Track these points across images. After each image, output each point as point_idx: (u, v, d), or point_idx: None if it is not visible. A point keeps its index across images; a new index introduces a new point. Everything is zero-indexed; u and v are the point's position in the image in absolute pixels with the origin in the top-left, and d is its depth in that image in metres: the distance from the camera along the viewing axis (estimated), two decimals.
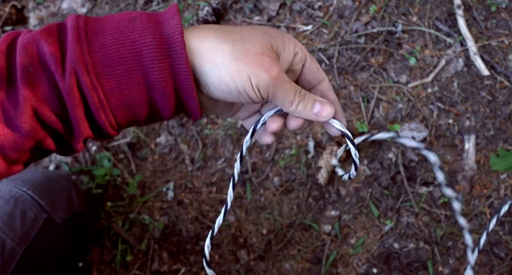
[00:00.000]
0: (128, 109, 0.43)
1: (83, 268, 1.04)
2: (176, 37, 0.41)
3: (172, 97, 0.43)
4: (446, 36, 1.12)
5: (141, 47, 0.41)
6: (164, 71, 0.41)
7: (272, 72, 0.43)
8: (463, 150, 1.05)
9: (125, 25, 0.42)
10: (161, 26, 0.42)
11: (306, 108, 0.46)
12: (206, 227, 1.07)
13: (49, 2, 1.31)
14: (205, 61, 0.43)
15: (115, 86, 0.41)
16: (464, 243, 1.00)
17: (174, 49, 0.41)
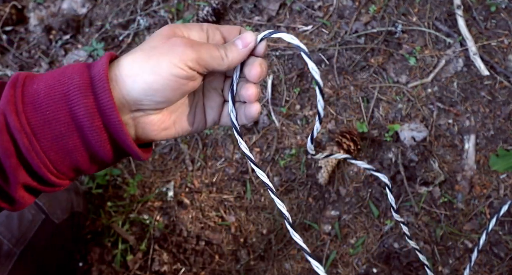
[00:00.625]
0: (63, 151, 0.44)
1: (83, 268, 1.04)
2: (101, 75, 0.43)
3: (103, 135, 0.44)
4: (446, 36, 1.12)
5: (69, 88, 0.43)
6: (90, 107, 0.42)
7: (185, 44, 0.45)
8: (463, 150, 1.05)
9: (59, 72, 0.44)
10: (90, 68, 0.44)
11: (233, 50, 0.48)
12: (206, 227, 1.07)
13: (50, 2, 1.31)
14: (126, 79, 0.44)
15: (45, 127, 0.42)
16: (464, 243, 1.01)
17: (98, 86, 0.43)
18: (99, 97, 0.43)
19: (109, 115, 0.43)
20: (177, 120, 0.51)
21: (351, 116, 1.09)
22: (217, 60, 0.47)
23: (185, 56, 0.44)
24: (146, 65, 0.44)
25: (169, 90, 0.45)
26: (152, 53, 0.45)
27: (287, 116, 1.11)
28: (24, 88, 0.43)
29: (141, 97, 0.45)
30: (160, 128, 0.49)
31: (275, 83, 1.13)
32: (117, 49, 1.22)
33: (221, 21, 1.20)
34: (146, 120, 0.47)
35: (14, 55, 1.25)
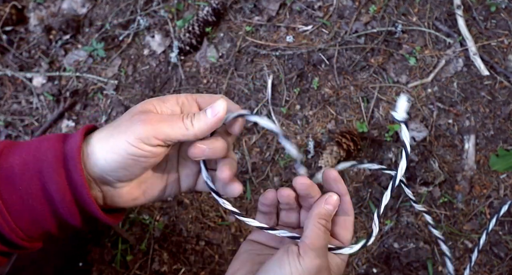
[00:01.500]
0: (33, 221, 0.46)
1: (83, 268, 1.04)
2: (74, 152, 0.45)
3: (74, 209, 0.46)
4: (446, 36, 1.12)
5: (42, 165, 0.45)
6: (61, 184, 0.45)
7: (143, 121, 0.45)
8: (463, 150, 1.05)
9: (34, 147, 0.46)
10: (65, 143, 0.46)
11: (201, 118, 0.47)
12: (206, 227, 1.07)
13: (50, 2, 1.31)
14: (91, 157, 0.46)
15: (18, 200, 0.45)
16: (464, 243, 1.01)
17: (70, 164, 0.45)
18: (70, 175, 0.45)
19: (80, 191, 0.45)
20: (147, 190, 0.51)
21: (351, 116, 1.10)
22: (181, 131, 0.46)
23: (141, 134, 0.44)
24: (106, 145, 0.46)
25: (129, 167, 0.46)
26: (114, 132, 0.46)
27: (287, 116, 1.11)
28: (1, 161, 0.46)
29: (103, 173, 0.46)
30: (129, 199, 0.50)
31: (275, 83, 1.13)
32: (117, 49, 1.23)
33: (221, 21, 1.20)
34: (114, 192, 0.49)
35: (14, 55, 1.25)
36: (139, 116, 0.46)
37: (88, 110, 1.19)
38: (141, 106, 0.48)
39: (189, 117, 0.47)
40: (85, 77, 1.21)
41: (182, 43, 1.17)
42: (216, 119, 0.47)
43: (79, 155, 0.45)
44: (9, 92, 1.23)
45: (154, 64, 1.20)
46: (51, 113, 1.20)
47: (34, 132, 1.19)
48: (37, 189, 0.45)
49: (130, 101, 1.17)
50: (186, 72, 1.18)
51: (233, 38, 1.18)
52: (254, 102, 1.13)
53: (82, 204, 0.46)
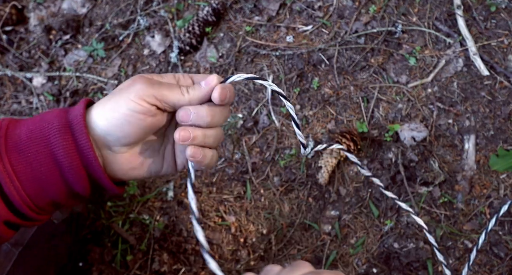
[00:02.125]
0: (43, 189, 0.47)
1: (83, 268, 1.04)
2: (78, 118, 0.47)
3: (82, 172, 0.48)
4: (446, 36, 1.12)
5: (49, 132, 0.47)
6: (68, 148, 0.46)
7: (144, 81, 0.48)
8: (463, 150, 1.05)
9: (39, 118, 0.48)
10: (68, 113, 0.48)
11: (195, 87, 0.51)
12: (206, 227, 1.07)
13: (50, 2, 1.31)
14: (93, 118, 0.48)
15: (27, 168, 0.46)
16: (464, 243, 1.01)
17: (75, 128, 0.47)
18: (77, 139, 0.47)
19: (87, 154, 0.47)
20: (145, 162, 0.53)
21: (351, 116, 1.09)
22: (177, 95, 0.49)
23: (141, 91, 0.47)
24: (107, 103, 0.48)
25: (128, 125, 0.48)
26: (116, 93, 0.48)
27: (287, 116, 1.11)
28: (8, 132, 0.47)
29: (104, 134, 0.48)
30: (127, 168, 0.51)
31: (275, 83, 1.13)
32: (117, 49, 1.22)
33: (221, 21, 1.20)
34: (113, 159, 0.50)
35: (14, 55, 1.25)
36: (139, 77, 0.49)
37: None
38: (140, 75, 0.50)
39: (185, 86, 0.51)
40: (85, 77, 1.21)
41: (182, 43, 1.17)
42: (209, 88, 0.50)
43: (84, 119, 0.47)
44: (9, 92, 1.23)
45: (154, 64, 1.20)
46: None
47: None
48: (45, 155, 0.46)
49: None
50: (186, 72, 1.18)
51: (233, 38, 1.18)
52: (254, 102, 1.13)
53: (89, 167, 0.47)
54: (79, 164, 0.47)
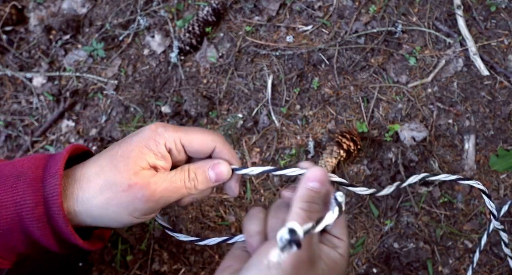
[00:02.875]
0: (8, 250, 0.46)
1: (83, 268, 1.04)
2: (54, 199, 0.44)
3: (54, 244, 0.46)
4: (446, 36, 1.12)
5: (21, 209, 0.44)
6: (44, 231, 0.44)
7: (146, 198, 0.45)
8: (463, 150, 1.05)
9: (10, 183, 0.45)
10: (43, 184, 0.45)
11: (204, 182, 0.49)
12: (206, 227, 1.07)
13: (50, 2, 1.31)
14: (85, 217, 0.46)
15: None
16: (464, 243, 1.01)
17: (52, 210, 0.44)
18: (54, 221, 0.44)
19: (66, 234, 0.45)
20: None
21: (351, 116, 1.09)
22: (182, 195, 0.48)
23: (144, 210, 0.46)
24: (105, 213, 0.46)
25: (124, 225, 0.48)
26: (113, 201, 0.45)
27: (287, 116, 1.11)
28: None
29: (92, 224, 0.47)
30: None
31: (275, 83, 1.13)
32: (117, 49, 1.22)
33: (221, 21, 1.20)
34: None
35: (14, 55, 1.25)
36: (138, 188, 0.45)
37: (88, 110, 1.19)
38: (133, 163, 0.46)
39: (191, 181, 0.48)
40: (85, 77, 1.21)
41: (182, 43, 1.17)
42: (218, 184, 0.49)
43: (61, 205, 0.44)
44: (9, 92, 1.23)
45: (154, 64, 1.20)
46: (51, 113, 1.20)
47: (34, 132, 1.19)
48: (18, 232, 0.44)
49: (130, 101, 1.17)
50: (186, 72, 1.18)
51: (233, 38, 1.18)
52: (254, 102, 1.13)
53: (67, 241, 0.46)
54: (56, 246, 0.46)
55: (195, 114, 1.12)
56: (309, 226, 0.38)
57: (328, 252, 0.48)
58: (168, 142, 0.48)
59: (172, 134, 0.48)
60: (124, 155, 0.46)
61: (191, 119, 1.14)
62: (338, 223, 0.49)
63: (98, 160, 0.47)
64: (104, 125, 1.17)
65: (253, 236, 0.49)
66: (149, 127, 0.48)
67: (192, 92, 1.14)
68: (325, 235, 0.50)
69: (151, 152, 0.47)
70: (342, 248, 0.48)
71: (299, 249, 0.35)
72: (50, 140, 1.18)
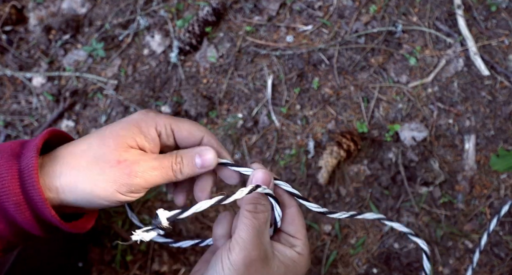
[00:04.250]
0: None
1: (83, 268, 1.04)
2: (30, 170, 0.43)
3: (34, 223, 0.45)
4: (446, 36, 1.12)
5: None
6: (19, 202, 0.43)
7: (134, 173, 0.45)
8: (463, 150, 1.05)
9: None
10: (20, 159, 0.44)
11: (190, 167, 0.48)
12: (206, 227, 1.07)
13: (49, 2, 1.31)
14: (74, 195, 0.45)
15: None
16: (464, 243, 1.00)
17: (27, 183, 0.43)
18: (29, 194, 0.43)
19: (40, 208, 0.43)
20: None
21: (351, 116, 1.09)
22: (169, 178, 0.48)
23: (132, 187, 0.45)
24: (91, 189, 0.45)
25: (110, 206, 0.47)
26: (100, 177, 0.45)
27: (287, 116, 1.11)
28: None
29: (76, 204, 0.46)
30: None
31: (275, 83, 1.13)
32: (117, 49, 1.22)
33: (221, 21, 1.20)
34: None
35: (14, 55, 1.25)
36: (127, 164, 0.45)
37: (88, 110, 1.19)
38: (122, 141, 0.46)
39: (178, 164, 0.48)
40: (85, 77, 1.21)
41: (182, 43, 1.17)
42: (204, 170, 0.49)
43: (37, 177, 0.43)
44: (9, 92, 1.23)
45: (154, 64, 1.20)
46: (51, 113, 1.19)
47: (33, 132, 1.19)
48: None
49: (130, 101, 1.17)
50: (186, 72, 1.18)
51: (233, 38, 1.18)
52: (254, 102, 1.13)
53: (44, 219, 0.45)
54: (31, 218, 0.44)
55: (195, 114, 1.12)
56: (176, 212, 0.42)
57: (283, 250, 0.49)
58: (158, 126, 0.48)
59: (163, 119, 0.49)
60: (114, 133, 0.46)
61: (191, 119, 1.14)
62: (294, 222, 0.51)
63: (86, 138, 0.47)
64: (104, 125, 1.17)
65: (219, 239, 0.51)
66: (140, 111, 0.49)
67: (192, 92, 1.14)
68: (281, 234, 0.51)
69: (141, 133, 0.47)
70: (299, 246, 0.49)
71: (164, 232, 0.40)
72: None
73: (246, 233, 0.46)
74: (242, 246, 0.45)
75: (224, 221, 0.51)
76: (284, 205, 0.52)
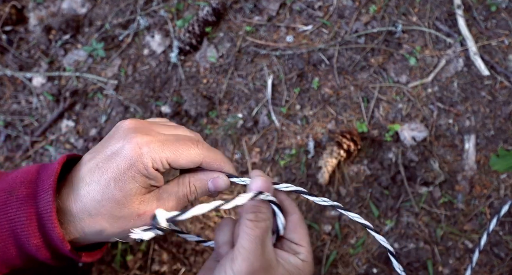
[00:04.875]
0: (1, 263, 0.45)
1: (83, 268, 1.04)
2: (48, 215, 0.43)
3: (51, 260, 0.45)
4: (446, 36, 1.12)
5: (15, 226, 0.43)
6: (39, 247, 0.44)
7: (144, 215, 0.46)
8: (463, 150, 1.05)
9: (3, 200, 0.44)
10: (36, 200, 0.44)
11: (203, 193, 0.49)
12: (206, 227, 1.07)
13: (49, 2, 1.31)
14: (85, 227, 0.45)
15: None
16: (464, 243, 1.00)
17: (47, 226, 0.43)
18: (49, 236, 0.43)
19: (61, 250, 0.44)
20: None
21: (351, 116, 1.09)
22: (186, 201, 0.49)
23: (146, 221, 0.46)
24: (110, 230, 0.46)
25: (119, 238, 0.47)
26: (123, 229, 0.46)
27: (287, 116, 1.11)
28: None
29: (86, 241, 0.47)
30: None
31: (275, 83, 1.13)
32: (117, 49, 1.22)
33: (221, 21, 1.20)
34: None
35: (14, 55, 1.25)
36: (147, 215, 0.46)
37: (88, 110, 1.19)
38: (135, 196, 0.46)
39: (192, 194, 0.49)
40: (85, 77, 1.21)
41: (182, 43, 1.17)
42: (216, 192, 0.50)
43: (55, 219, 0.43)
44: (9, 92, 1.23)
45: (154, 64, 1.20)
46: (51, 113, 1.19)
47: (33, 132, 1.19)
48: (14, 248, 0.44)
49: (130, 101, 1.17)
50: (186, 72, 1.18)
51: (233, 38, 1.18)
52: (254, 102, 1.13)
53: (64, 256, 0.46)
54: (49, 258, 0.45)
55: (195, 114, 1.12)
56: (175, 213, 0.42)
57: (287, 258, 0.48)
58: (155, 164, 0.46)
59: (158, 156, 0.46)
60: (120, 188, 0.45)
61: (191, 119, 1.14)
62: (297, 229, 0.50)
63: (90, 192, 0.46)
64: (104, 125, 1.17)
65: (222, 246, 0.51)
66: (131, 147, 0.45)
67: (192, 92, 1.14)
68: (284, 241, 0.50)
69: (143, 177, 0.46)
70: (303, 253, 0.49)
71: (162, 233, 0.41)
72: (50, 140, 1.18)
73: (248, 242, 0.46)
74: (244, 256, 0.45)
75: (225, 228, 0.51)
76: (286, 212, 0.51)
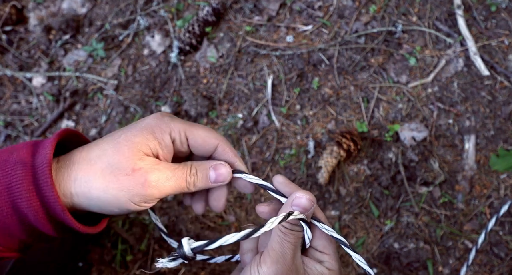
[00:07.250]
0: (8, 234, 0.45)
1: (83, 268, 1.04)
2: (43, 168, 0.43)
3: (47, 223, 0.44)
4: (446, 36, 1.12)
5: (11, 180, 0.43)
6: (32, 201, 0.43)
7: (149, 184, 0.45)
8: (463, 150, 1.05)
9: (3, 158, 0.44)
10: (35, 157, 0.44)
11: (203, 181, 0.48)
12: (206, 227, 1.07)
13: (49, 2, 1.31)
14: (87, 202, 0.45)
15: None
16: (464, 243, 1.00)
17: (40, 180, 0.43)
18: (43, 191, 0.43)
19: (54, 209, 0.43)
20: None
21: (351, 116, 1.09)
22: (182, 190, 0.48)
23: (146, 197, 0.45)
24: (104, 197, 0.44)
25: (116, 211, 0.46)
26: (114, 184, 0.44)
27: (287, 116, 1.11)
28: None
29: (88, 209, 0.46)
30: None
31: (275, 83, 1.13)
32: (117, 49, 1.22)
33: (221, 21, 1.20)
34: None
35: (14, 55, 1.25)
36: (141, 173, 0.45)
37: (88, 110, 1.19)
38: (137, 149, 0.45)
39: (192, 176, 0.48)
40: (85, 77, 1.21)
41: (182, 43, 1.17)
42: (216, 185, 0.49)
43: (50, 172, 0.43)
44: (9, 92, 1.23)
45: (154, 64, 1.20)
46: (51, 113, 1.19)
47: (34, 132, 1.19)
48: (8, 207, 0.43)
49: (130, 101, 1.17)
50: (186, 72, 1.18)
51: (233, 38, 1.18)
52: (254, 102, 1.13)
53: (58, 220, 0.45)
54: (44, 217, 0.44)
55: (195, 114, 1.12)
56: (202, 243, 0.40)
57: (312, 266, 0.48)
58: (173, 132, 0.47)
59: (178, 125, 0.47)
60: (128, 140, 0.45)
61: (191, 119, 1.14)
62: (322, 237, 0.49)
63: (100, 143, 0.46)
64: (104, 125, 1.17)
65: (246, 253, 0.50)
66: (155, 114, 0.47)
67: (192, 92, 1.14)
68: (310, 249, 0.50)
69: (155, 140, 0.46)
70: (329, 262, 0.48)
71: (186, 262, 0.38)
72: None
73: (279, 246, 0.45)
74: (274, 259, 0.44)
75: None
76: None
